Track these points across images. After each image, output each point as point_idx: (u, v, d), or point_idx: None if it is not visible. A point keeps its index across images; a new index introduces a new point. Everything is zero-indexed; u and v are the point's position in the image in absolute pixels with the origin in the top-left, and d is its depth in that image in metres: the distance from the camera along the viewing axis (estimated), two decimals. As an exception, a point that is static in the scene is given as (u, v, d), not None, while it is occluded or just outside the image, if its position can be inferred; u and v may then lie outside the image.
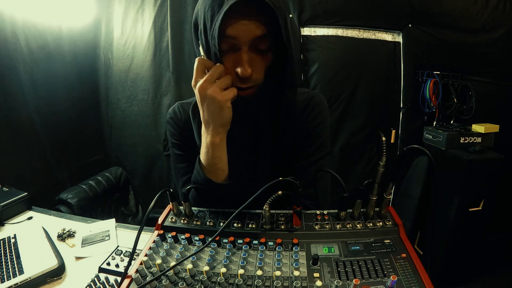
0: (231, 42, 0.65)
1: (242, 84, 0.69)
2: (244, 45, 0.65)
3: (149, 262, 0.60)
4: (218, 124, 0.69)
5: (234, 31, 0.63)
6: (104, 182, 2.10)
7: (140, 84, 2.30)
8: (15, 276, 0.89)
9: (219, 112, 0.67)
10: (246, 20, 0.63)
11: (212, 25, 0.63)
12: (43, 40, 1.86)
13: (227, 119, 0.69)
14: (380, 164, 0.63)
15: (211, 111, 0.68)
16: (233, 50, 0.66)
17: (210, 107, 0.67)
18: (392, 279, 0.51)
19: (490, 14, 2.00)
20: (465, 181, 1.82)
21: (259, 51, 0.68)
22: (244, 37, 0.64)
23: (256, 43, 0.66)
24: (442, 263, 1.95)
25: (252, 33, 0.64)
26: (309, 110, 0.83)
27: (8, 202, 1.29)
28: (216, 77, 0.66)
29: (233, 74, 0.68)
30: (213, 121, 0.69)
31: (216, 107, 0.66)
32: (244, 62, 0.65)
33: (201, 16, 0.67)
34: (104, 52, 2.32)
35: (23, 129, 1.78)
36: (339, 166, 2.16)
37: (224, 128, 0.71)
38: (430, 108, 2.06)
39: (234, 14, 0.61)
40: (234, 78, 0.68)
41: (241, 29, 0.63)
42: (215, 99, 0.65)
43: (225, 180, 0.76)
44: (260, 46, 0.67)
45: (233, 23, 0.63)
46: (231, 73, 0.68)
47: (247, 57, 0.66)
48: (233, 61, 0.67)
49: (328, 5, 2.00)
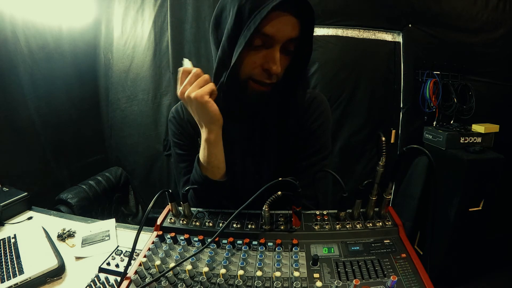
0: (266, 39, 0.66)
1: (268, 80, 0.70)
2: (278, 44, 0.66)
3: (148, 263, 0.60)
4: (208, 122, 0.71)
5: (273, 29, 0.64)
6: (104, 182, 2.10)
7: (140, 84, 2.30)
8: (15, 276, 0.89)
9: (203, 109, 0.68)
10: (287, 20, 0.64)
11: (251, 17, 0.62)
12: (43, 40, 1.86)
13: (213, 115, 0.69)
14: (380, 164, 0.63)
15: (196, 111, 0.70)
16: (264, 46, 0.67)
17: (193, 107, 0.69)
18: (392, 279, 0.51)
19: (490, 14, 2.00)
20: (465, 181, 1.82)
21: (287, 50, 0.69)
22: (281, 36, 0.65)
23: (287, 44, 0.68)
24: (442, 263, 1.95)
25: (289, 33, 0.66)
26: (311, 110, 0.83)
27: (8, 202, 1.29)
28: (194, 80, 0.68)
29: (259, 69, 0.69)
30: (202, 120, 0.71)
31: (198, 105, 0.68)
32: (277, 59, 0.66)
33: (233, 9, 0.65)
34: (104, 52, 2.32)
35: (23, 129, 1.79)
36: (339, 166, 2.16)
37: (215, 125, 0.71)
38: (430, 108, 2.06)
39: (277, 12, 0.62)
40: (259, 72, 0.69)
41: (280, 28, 0.65)
42: (192, 99, 0.67)
43: (221, 178, 0.76)
44: (290, 46, 0.69)
45: (274, 21, 0.63)
46: (257, 67, 0.69)
47: (279, 57, 0.67)
48: (262, 56, 0.68)
49: (328, 5, 2.00)
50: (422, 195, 2.01)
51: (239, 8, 0.64)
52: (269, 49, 0.67)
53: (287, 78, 0.75)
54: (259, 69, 0.69)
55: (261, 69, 0.69)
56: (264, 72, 0.69)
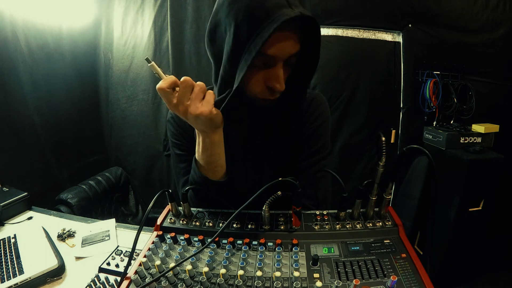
0: (268, 59, 0.63)
1: (272, 96, 0.69)
2: (280, 61, 0.64)
3: (148, 263, 0.60)
4: (213, 128, 0.68)
5: (275, 50, 0.61)
6: (104, 182, 2.10)
7: (140, 84, 2.30)
8: (15, 276, 0.89)
9: (210, 122, 0.65)
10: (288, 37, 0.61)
11: (250, 39, 0.59)
12: (43, 40, 1.86)
13: (219, 122, 0.67)
14: (380, 164, 0.63)
15: (201, 125, 0.66)
16: (266, 65, 0.65)
17: (198, 123, 0.65)
18: (392, 279, 0.51)
19: (490, 14, 2.00)
20: (465, 181, 1.82)
21: (290, 63, 0.68)
22: (283, 55, 0.63)
23: (289, 58, 0.66)
24: (442, 263, 1.95)
25: (290, 50, 0.63)
26: (311, 110, 0.83)
27: (8, 202, 1.29)
28: (189, 93, 0.62)
29: (262, 87, 0.67)
30: (207, 129, 0.68)
31: (206, 121, 0.64)
32: (280, 78, 0.64)
33: (230, 27, 0.60)
34: (104, 52, 2.32)
35: (23, 129, 1.79)
36: (339, 166, 2.16)
37: (220, 127, 0.70)
38: (430, 108, 2.06)
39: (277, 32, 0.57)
40: (262, 90, 0.67)
41: (282, 47, 0.62)
42: (200, 116, 0.62)
43: (222, 178, 0.76)
44: (292, 60, 0.67)
45: (275, 41, 0.60)
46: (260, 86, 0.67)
47: (283, 73, 0.65)
48: (264, 75, 0.66)
49: (328, 5, 2.00)
50: (422, 195, 2.01)
51: (236, 28, 0.59)
52: (271, 68, 0.65)
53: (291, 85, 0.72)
54: (262, 87, 0.67)
55: (264, 86, 0.67)
56: (268, 90, 0.67)
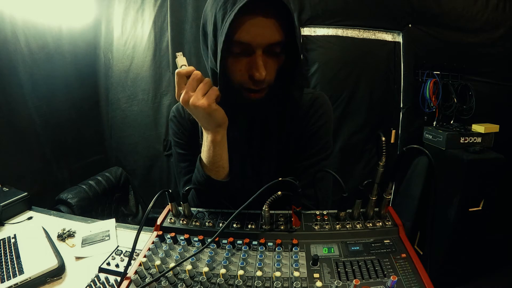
0: (243, 46, 0.64)
1: (255, 86, 0.68)
2: (259, 49, 0.64)
3: (148, 263, 0.60)
4: (214, 126, 0.69)
5: (248, 36, 0.62)
6: (104, 182, 2.10)
7: (140, 84, 2.30)
8: (15, 276, 0.89)
9: (209, 117, 0.67)
10: (262, 23, 0.61)
11: (223, 25, 0.60)
12: (43, 40, 1.86)
13: (220, 119, 0.68)
14: (380, 164, 0.63)
15: (201, 118, 0.68)
16: (245, 53, 0.65)
17: (199, 115, 0.68)
18: (392, 279, 0.51)
19: (490, 14, 2.00)
20: (465, 181, 1.82)
21: (273, 53, 0.67)
22: (259, 42, 0.63)
23: (272, 47, 0.65)
24: (442, 263, 1.95)
25: (268, 38, 0.63)
26: (313, 110, 0.83)
27: (8, 202, 1.29)
28: (196, 85, 0.65)
29: (246, 76, 0.67)
30: (208, 125, 0.70)
31: (204, 114, 0.66)
32: (259, 66, 0.64)
33: (211, 17, 0.64)
34: (104, 52, 2.32)
35: (23, 129, 1.78)
36: (339, 166, 2.16)
37: (222, 127, 0.71)
38: (430, 108, 2.06)
39: (248, 16, 0.59)
40: (246, 80, 0.68)
41: (256, 33, 0.62)
42: (198, 108, 0.64)
43: (225, 178, 0.76)
44: (275, 49, 0.66)
45: (247, 26, 0.60)
46: (243, 75, 0.67)
47: (262, 61, 0.64)
48: (246, 64, 0.66)
49: (328, 5, 2.00)
50: (422, 195, 2.01)
51: (215, 15, 0.62)
52: (251, 56, 0.65)
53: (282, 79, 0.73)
54: (245, 76, 0.67)
55: (247, 76, 0.67)
56: (249, 79, 0.67)
